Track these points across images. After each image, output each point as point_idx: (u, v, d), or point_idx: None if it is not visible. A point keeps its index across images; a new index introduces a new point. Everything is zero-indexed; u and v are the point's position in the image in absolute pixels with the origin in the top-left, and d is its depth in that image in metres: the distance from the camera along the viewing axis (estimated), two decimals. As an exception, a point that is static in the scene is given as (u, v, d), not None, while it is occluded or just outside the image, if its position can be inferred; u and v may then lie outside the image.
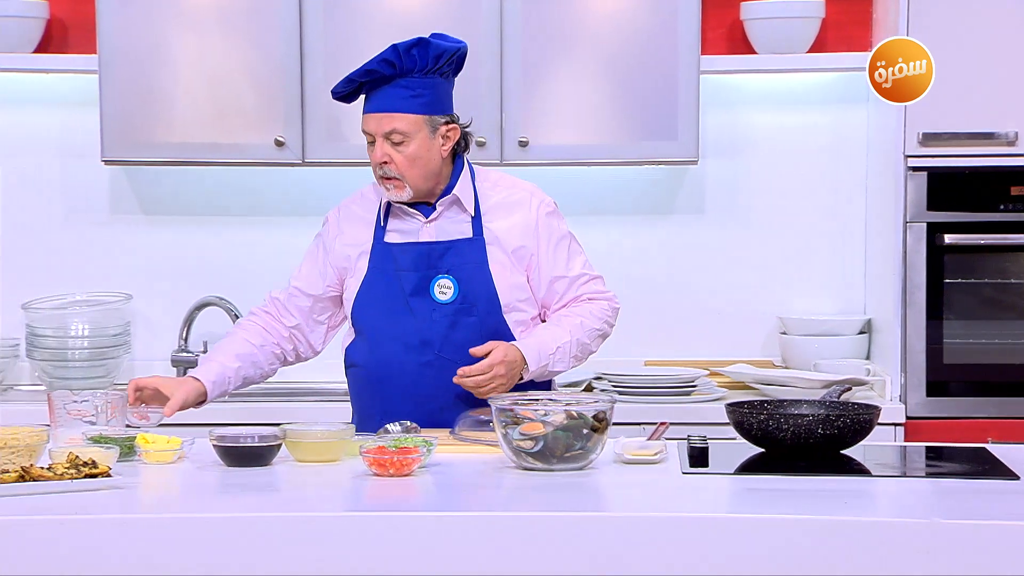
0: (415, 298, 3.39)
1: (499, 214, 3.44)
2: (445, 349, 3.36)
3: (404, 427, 3.24)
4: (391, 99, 3.34)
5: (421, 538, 2.57)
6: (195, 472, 2.96)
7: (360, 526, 2.58)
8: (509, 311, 3.41)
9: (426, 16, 4.26)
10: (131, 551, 2.53)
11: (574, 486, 2.83)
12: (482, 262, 3.40)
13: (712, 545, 2.55)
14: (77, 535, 2.53)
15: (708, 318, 4.63)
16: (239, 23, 4.25)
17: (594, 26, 4.28)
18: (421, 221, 3.42)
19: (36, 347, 4.36)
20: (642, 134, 4.29)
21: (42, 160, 4.57)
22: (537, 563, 2.55)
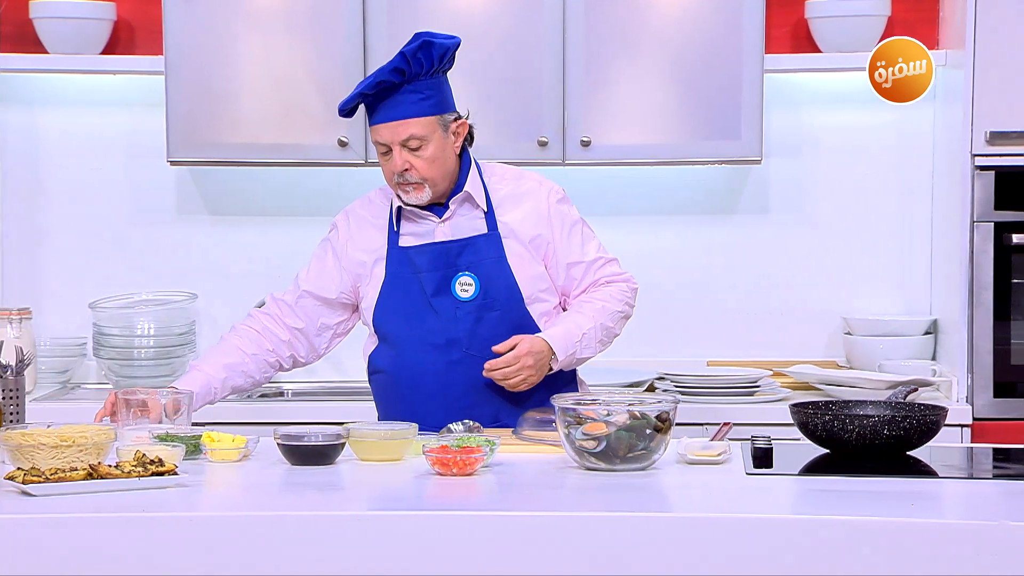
0: (437, 298, 3.39)
1: (510, 206, 3.44)
2: (472, 346, 3.37)
3: (467, 426, 3.24)
4: (401, 106, 3.34)
5: (484, 537, 2.57)
6: (259, 471, 2.98)
7: (423, 525, 2.59)
8: (532, 302, 3.41)
9: (488, 16, 4.26)
10: (196, 549, 2.54)
11: (637, 486, 2.82)
12: (500, 256, 3.40)
13: (776, 546, 2.54)
14: (144, 533, 2.54)
15: (771, 318, 4.61)
16: (303, 24, 4.27)
17: (657, 25, 4.26)
18: (435, 221, 3.42)
19: (103, 346, 4.40)
20: (705, 133, 4.28)
21: (109, 161, 4.61)
22: (600, 563, 2.54)
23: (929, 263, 4.55)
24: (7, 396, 3.20)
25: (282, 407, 4.32)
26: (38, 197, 4.58)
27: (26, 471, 2.71)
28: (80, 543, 2.54)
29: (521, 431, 3.13)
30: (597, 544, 2.55)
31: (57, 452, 2.85)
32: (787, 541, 2.54)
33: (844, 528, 2.54)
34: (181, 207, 4.62)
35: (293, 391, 4.51)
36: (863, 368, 4.40)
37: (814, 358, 4.54)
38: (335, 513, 2.63)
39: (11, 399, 3.22)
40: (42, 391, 4.37)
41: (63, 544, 2.53)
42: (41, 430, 2.91)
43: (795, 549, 2.53)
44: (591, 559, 2.54)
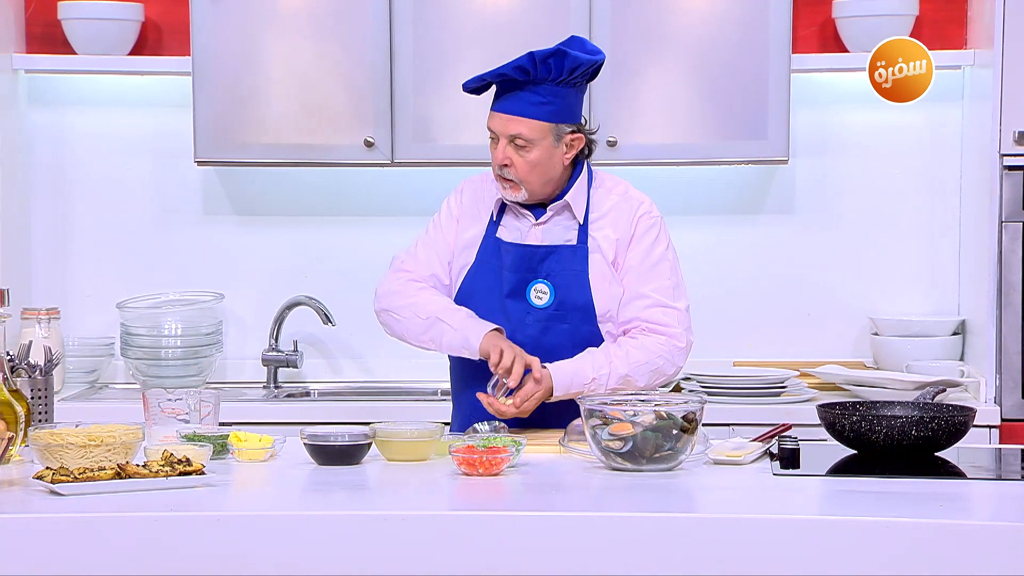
0: (511, 300, 3.38)
1: (606, 222, 3.40)
2: (534, 354, 3.32)
3: (493, 427, 3.25)
4: (520, 103, 3.32)
5: (510, 538, 2.57)
6: (286, 470, 2.98)
7: (450, 525, 2.59)
8: (604, 321, 3.37)
9: (515, 16, 4.26)
10: (224, 548, 2.55)
11: (663, 487, 2.82)
12: (582, 270, 3.37)
13: (804, 547, 2.53)
14: (171, 532, 2.55)
15: (798, 319, 4.59)
16: (330, 25, 4.28)
17: (684, 25, 4.26)
18: (531, 222, 3.41)
19: (130, 345, 4.42)
20: (732, 133, 4.27)
21: (136, 161, 4.63)
22: (626, 564, 2.54)
23: (957, 263, 4.53)
24: (36, 396, 3.22)
25: (308, 407, 4.33)
26: (66, 198, 4.61)
27: (55, 470, 2.73)
28: (108, 542, 2.54)
29: (567, 441, 3.11)
30: (623, 544, 2.55)
31: (85, 452, 2.86)
32: (815, 542, 2.53)
33: (872, 529, 2.53)
34: (208, 207, 4.63)
35: (319, 391, 4.52)
36: (890, 369, 4.38)
37: (841, 359, 4.52)
38: (362, 513, 2.63)
39: (39, 399, 3.23)
40: (70, 391, 4.39)
41: (91, 543, 2.54)
42: (69, 430, 2.93)
43: (823, 550, 2.52)
44: (617, 559, 2.54)
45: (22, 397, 3.05)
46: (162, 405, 3.14)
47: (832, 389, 4.30)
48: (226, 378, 4.59)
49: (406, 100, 4.29)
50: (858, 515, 2.61)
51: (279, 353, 4.53)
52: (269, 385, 4.53)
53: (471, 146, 4.29)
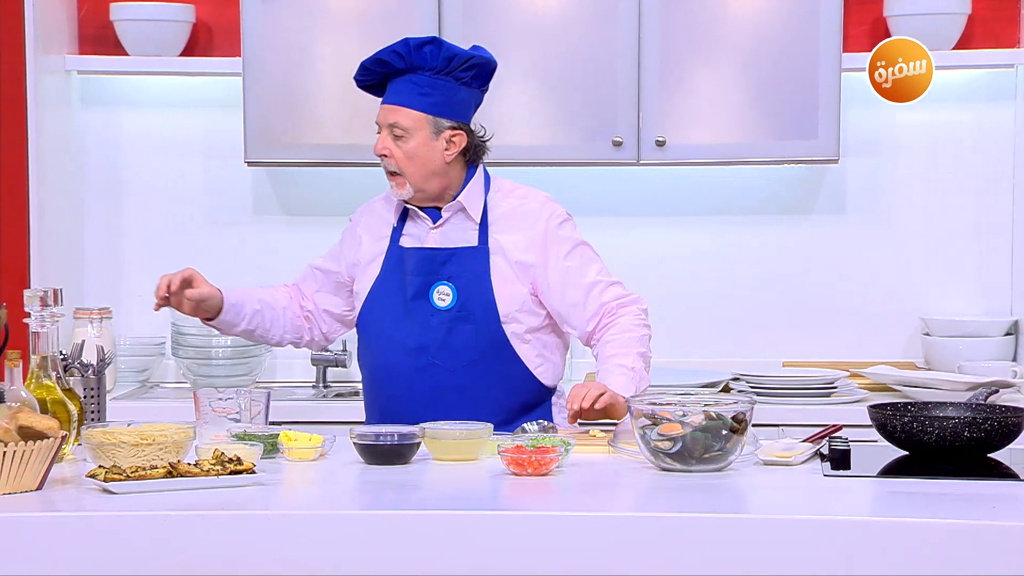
0: (415, 302, 3.41)
1: (508, 224, 3.43)
2: (439, 355, 3.38)
3: (542, 427, 3.24)
4: (400, 93, 3.39)
5: (559, 537, 2.56)
6: (336, 470, 2.99)
7: (499, 525, 2.59)
8: (508, 321, 3.40)
9: (563, 17, 4.26)
10: (274, 547, 2.56)
11: (713, 487, 2.81)
12: (483, 271, 3.39)
13: (855, 548, 2.51)
14: (223, 530, 2.56)
15: (848, 319, 4.57)
16: (379, 26, 4.29)
17: (733, 24, 4.24)
18: (429, 226, 3.44)
19: (181, 345, 4.45)
20: (782, 133, 4.25)
21: (187, 162, 4.65)
22: (675, 564, 2.53)
23: (1010, 263, 4.50)
24: (88, 395, 3.24)
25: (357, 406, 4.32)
26: (118, 198, 4.64)
27: (107, 469, 2.75)
28: (160, 540, 2.56)
29: (617, 442, 3.11)
30: (673, 545, 2.54)
31: (137, 450, 2.88)
32: (866, 543, 2.51)
33: (924, 531, 2.51)
34: (257, 208, 4.65)
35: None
36: (942, 369, 4.35)
37: (892, 359, 4.50)
38: (412, 512, 2.64)
39: (92, 398, 3.26)
40: (121, 390, 4.42)
41: (143, 541, 2.56)
42: (122, 428, 2.95)
43: (874, 551, 2.51)
44: (667, 560, 2.53)
45: (75, 396, 3.08)
46: (213, 404, 3.16)
47: (883, 390, 4.28)
48: (275, 378, 4.62)
49: (455, 100, 4.29)
50: (910, 517, 2.59)
51: (328, 353, 4.55)
52: (318, 384, 4.55)
53: (518, 146, 4.29)
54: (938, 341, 4.41)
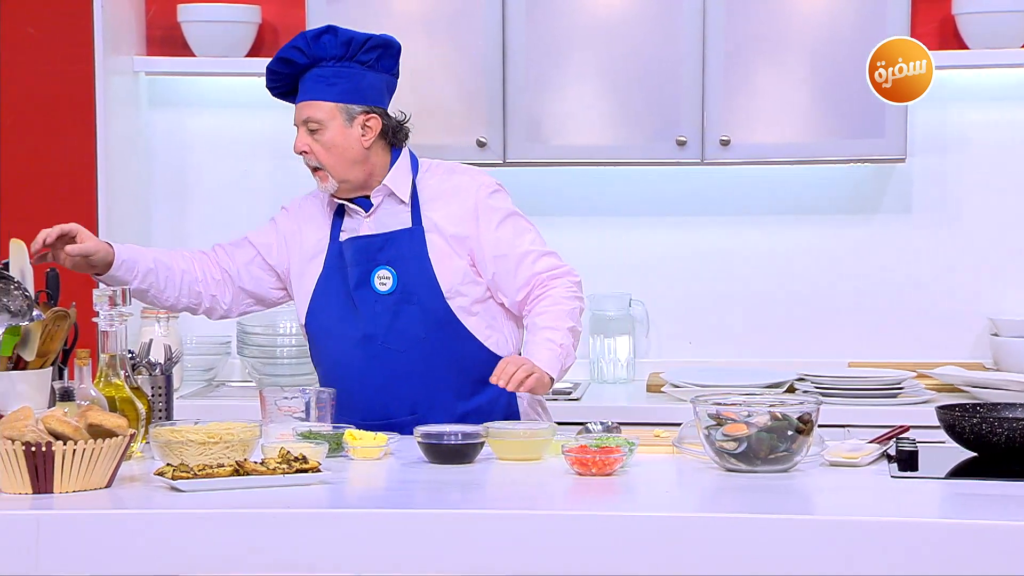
0: (358, 291, 3.41)
1: (438, 201, 3.44)
2: (389, 339, 3.38)
3: (605, 426, 3.24)
4: (308, 89, 3.41)
5: (623, 538, 2.56)
6: (400, 468, 3.00)
7: (564, 525, 2.58)
8: (452, 296, 3.40)
9: (627, 16, 4.25)
10: (341, 545, 2.57)
11: (778, 488, 2.80)
12: (421, 251, 3.39)
13: (924, 550, 2.49)
14: (289, 528, 2.58)
15: (915, 319, 4.53)
16: (442, 25, 4.30)
17: (799, 22, 4.22)
18: (362, 216, 3.45)
19: (246, 344, 4.48)
20: (848, 132, 4.22)
21: (254, 162, 4.68)
22: (741, 564, 2.52)
23: (1081, 262, 4.45)
24: (156, 393, 3.27)
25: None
26: (184, 198, 4.68)
27: (175, 467, 2.77)
28: (227, 538, 2.58)
29: (681, 442, 3.10)
30: (739, 545, 2.53)
31: (204, 448, 2.91)
32: (935, 545, 2.49)
33: (993, 533, 2.49)
34: (323, 207, 4.67)
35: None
36: (1011, 370, 4.30)
37: (959, 360, 4.45)
38: (477, 512, 2.64)
39: (159, 396, 3.28)
40: (188, 389, 4.46)
41: (210, 539, 2.58)
42: (189, 427, 2.97)
43: (943, 553, 2.49)
44: (732, 560, 2.52)
45: (143, 395, 3.11)
46: (278, 403, 3.18)
47: (950, 391, 4.23)
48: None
49: (518, 100, 4.30)
50: (978, 519, 2.56)
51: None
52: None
53: (582, 146, 4.29)
54: (1007, 341, 4.36)
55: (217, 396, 4.42)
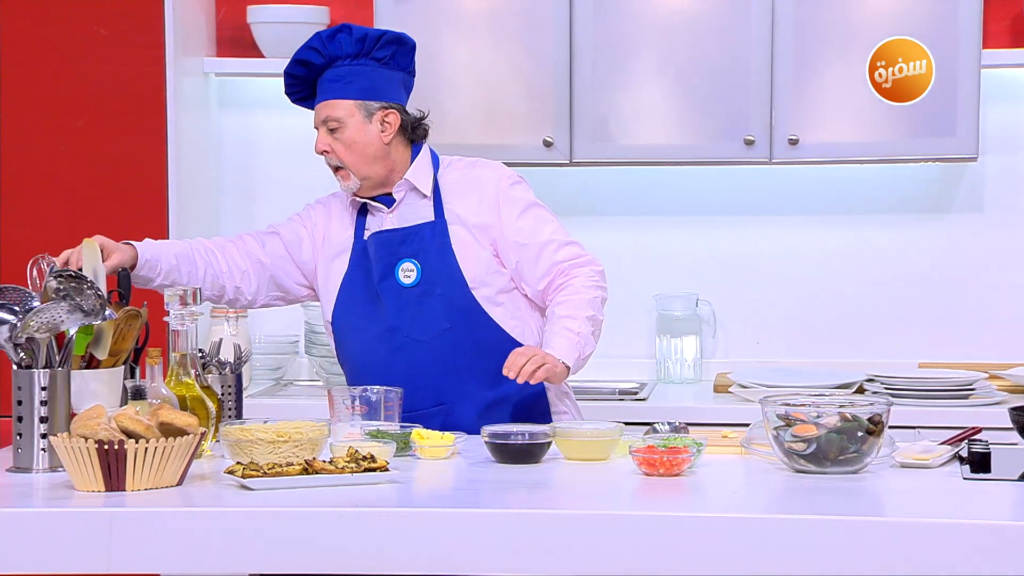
0: (382, 284, 3.42)
1: (460, 193, 3.45)
2: (413, 331, 3.39)
3: (673, 426, 3.23)
4: (325, 89, 3.44)
5: (692, 538, 2.55)
6: (468, 468, 3.01)
7: (632, 525, 2.58)
8: (477, 287, 3.41)
9: (695, 13, 4.24)
10: (410, 544, 2.58)
11: (849, 489, 2.78)
12: (444, 243, 3.41)
13: (995, 553, 2.46)
14: (358, 527, 2.59)
15: (986, 320, 4.48)
16: (510, 25, 4.30)
17: (869, 19, 4.18)
18: (385, 212, 3.46)
19: (314, 343, 4.50)
20: (918, 131, 4.18)
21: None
22: (810, 566, 2.51)
23: None
24: (225, 392, 3.29)
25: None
26: (253, 198, 4.71)
27: (245, 465, 2.79)
28: (296, 536, 2.59)
29: (749, 442, 3.09)
30: (809, 547, 2.51)
31: (274, 447, 2.93)
32: (1007, 548, 2.46)
33: (1068, 537, 2.46)
34: (390, 207, 4.69)
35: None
36: (1085, 371, 4.25)
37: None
38: (544, 511, 2.64)
39: (229, 395, 3.31)
40: (256, 388, 4.49)
41: (279, 537, 2.59)
42: (258, 426, 2.99)
43: (1015, 556, 2.46)
44: (802, 562, 2.51)
45: (213, 394, 3.13)
46: (346, 403, 3.19)
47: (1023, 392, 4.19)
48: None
49: (585, 100, 4.29)
50: (1053, 522, 2.54)
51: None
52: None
53: (649, 146, 4.28)
54: (1080, 342, 4.31)
55: (285, 395, 4.45)
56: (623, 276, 4.51)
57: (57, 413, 2.93)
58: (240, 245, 3.55)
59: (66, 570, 2.60)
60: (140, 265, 3.38)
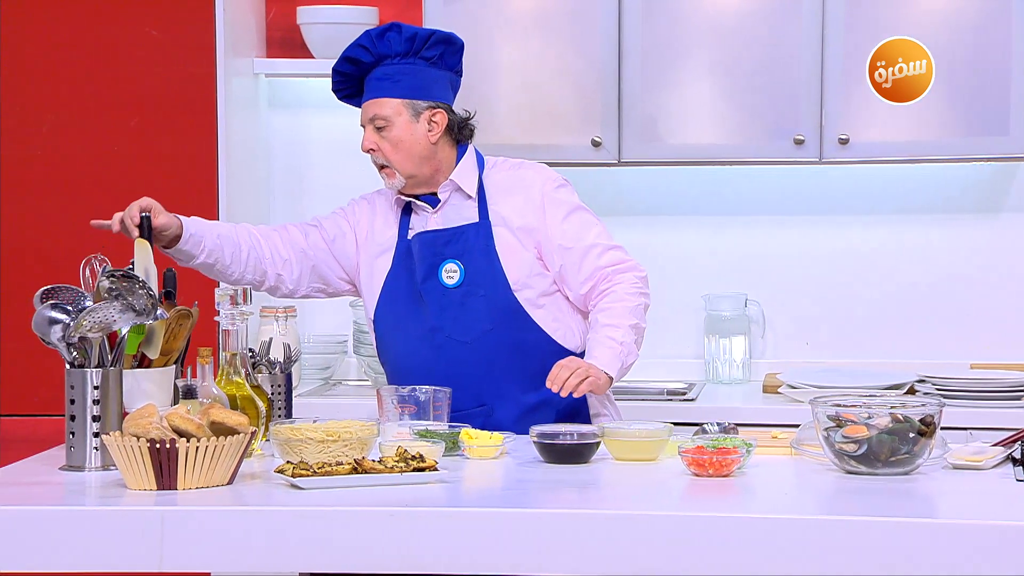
0: (425, 284, 3.42)
1: (504, 195, 3.45)
2: (455, 331, 3.39)
3: (722, 427, 3.22)
4: (373, 87, 3.44)
5: (741, 539, 2.54)
6: (516, 468, 3.01)
7: (681, 525, 2.57)
8: (519, 289, 3.41)
9: (744, 12, 4.22)
10: (459, 543, 2.58)
11: (900, 491, 2.76)
12: (488, 245, 3.41)
13: (1050, 557, 2.45)
14: (409, 526, 2.59)
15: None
16: (558, 25, 4.30)
17: (920, 18, 4.15)
18: (429, 212, 3.46)
19: (362, 343, 4.51)
20: (971, 129, 4.15)
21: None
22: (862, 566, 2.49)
23: None
24: (275, 392, 3.31)
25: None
26: (303, 199, 4.73)
27: (295, 465, 2.80)
28: (345, 535, 2.60)
29: (799, 443, 3.07)
30: (859, 548, 2.50)
31: (323, 447, 2.94)
32: (1062, 552, 2.45)
33: (1123, 540, 2.44)
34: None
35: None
36: None
37: (1085, 361, 4.37)
38: (594, 511, 2.63)
39: (279, 394, 3.32)
40: (305, 387, 4.50)
41: (329, 536, 2.60)
42: (308, 425, 3.00)
43: (1070, 560, 2.44)
44: (853, 562, 2.49)
45: (263, 393, 3.15)
46: (395, 402, 3.20)
47: (1076, 393, 4.15)
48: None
49: (634, 99, 4.28)
50: (1108, 525, 2.51)
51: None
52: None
53: (698, 145, 4.27)
54: None
55: (334, 395, 4.46)
56: (671, 276, 4.50)
57: (109, 412, 2.95)
58: (283, 234, 3.56)
59: (118, 568, 2.62)
60: (184, 239, 3.38)
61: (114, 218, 3.30)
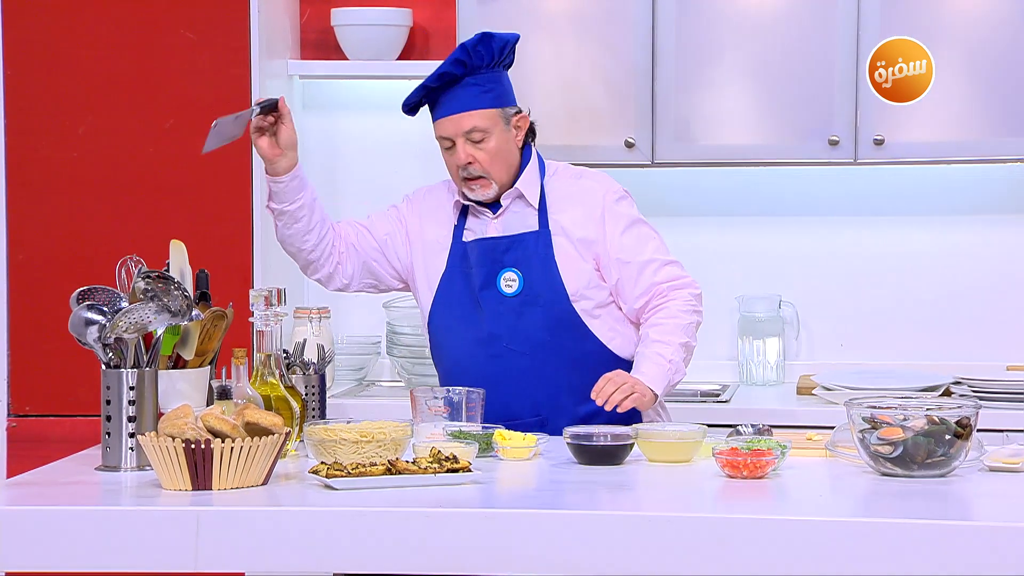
0: (483, 292, 3.41)
1: (565, 205, 3.43)
2: (513, 340, 3.38)
3: (756, 428, 3.21)
4: (463, 99, 3.39)
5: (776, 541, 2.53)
6: (550, 469, 3.01)
7: (716, 527, 2.57)
8: (577, 299, 3.40)
9: (778, 13, 4.21)
10: (493, 544, 2.58)
11: (936, 493, 2.75)
12: (547, 254, 3.39)
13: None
14: (443, 527, 2.60)
15: (1076, 322, 4.42)
16: (592, 26, 4.30)
17: (954, 18, 4.13)
18: (489, 217, 3.45)
19: (396, 344, 4.52)
20: (1007, 130, 4.12)
21: (405, 164, 4.72)
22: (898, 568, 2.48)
23: None
24: (309, 392, 3.32)
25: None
26: (337, 200, 4.73)
27: (329, 465, 2.81)
28: (379, 536, 2.60)
29: (834, 444, 3.06)
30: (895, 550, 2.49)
31: (357, 447, 2.94)
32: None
33: None
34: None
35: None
36: None
37: (1123, 363, 4.34)
38: (628, 513, 2.63)
39: (313, 395, 3.33)
40: (339, 388, 4.51)
41: (363, 536, 2.60)
42: (342, 426, 3.01)
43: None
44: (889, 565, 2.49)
45: (297, 394, 3.15)
46: (429, 403, 3.21)
47: (1113, 395, 4.12)
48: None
49: (667, 100, 4.28)
50: None
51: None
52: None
53: (732, 146, 4.26)
54: None
55: (368, 396, 4.47)
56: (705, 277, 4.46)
57: (145, 412, 2.97)
58: (339, 229, 3.57)
59: (154, 568, 2.63)
60: (293, 175, 3.40)
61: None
